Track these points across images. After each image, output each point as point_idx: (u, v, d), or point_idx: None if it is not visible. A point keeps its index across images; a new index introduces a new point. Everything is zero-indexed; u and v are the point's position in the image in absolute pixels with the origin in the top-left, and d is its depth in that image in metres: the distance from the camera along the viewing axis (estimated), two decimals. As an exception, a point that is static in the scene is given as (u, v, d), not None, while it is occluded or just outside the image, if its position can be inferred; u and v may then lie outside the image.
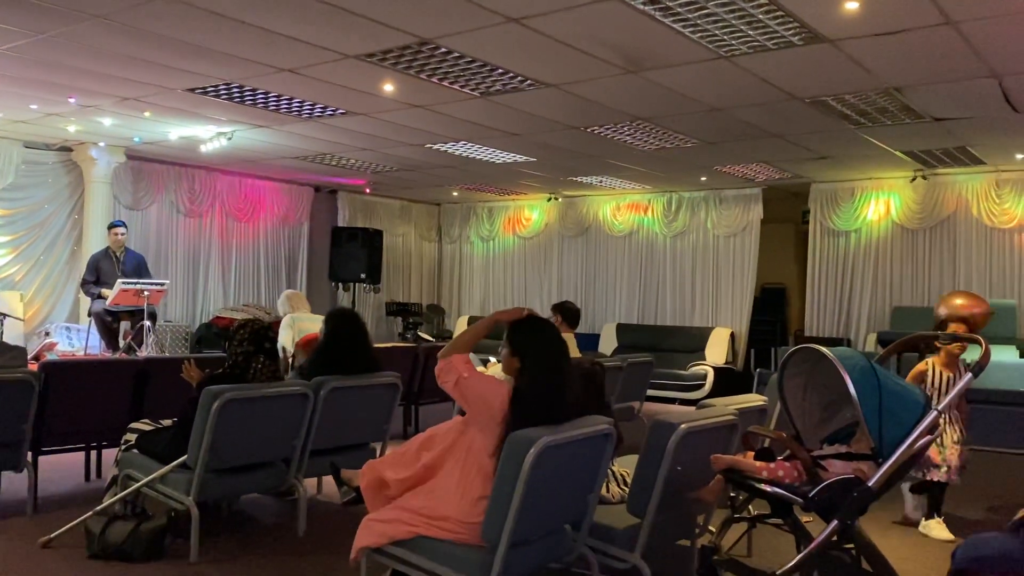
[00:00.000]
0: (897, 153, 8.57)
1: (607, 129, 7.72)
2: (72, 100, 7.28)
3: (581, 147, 8.64)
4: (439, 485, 3.08)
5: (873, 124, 7.21)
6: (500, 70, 5.89)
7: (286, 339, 6.22)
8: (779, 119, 7.14)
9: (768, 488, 3.24)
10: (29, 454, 4.65)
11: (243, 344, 4.23)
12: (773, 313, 12.12)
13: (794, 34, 4.98)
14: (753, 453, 3.49)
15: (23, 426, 4.50)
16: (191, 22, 5.07)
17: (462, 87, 6.37)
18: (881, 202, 10.35)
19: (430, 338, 11.77)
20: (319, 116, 7.56)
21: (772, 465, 3.32)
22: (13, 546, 4.14)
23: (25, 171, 9.51)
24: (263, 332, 4.32)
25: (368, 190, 12.84)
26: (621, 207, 12.46)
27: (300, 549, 4.26)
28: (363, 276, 12.15)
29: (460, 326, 13.23)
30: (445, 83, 6.26)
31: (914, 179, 9.91)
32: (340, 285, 12.43)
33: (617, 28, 4.96)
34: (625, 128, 7.65)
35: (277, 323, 6.46)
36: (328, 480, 5.29)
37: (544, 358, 3.11)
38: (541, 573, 3.25)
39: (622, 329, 11.90)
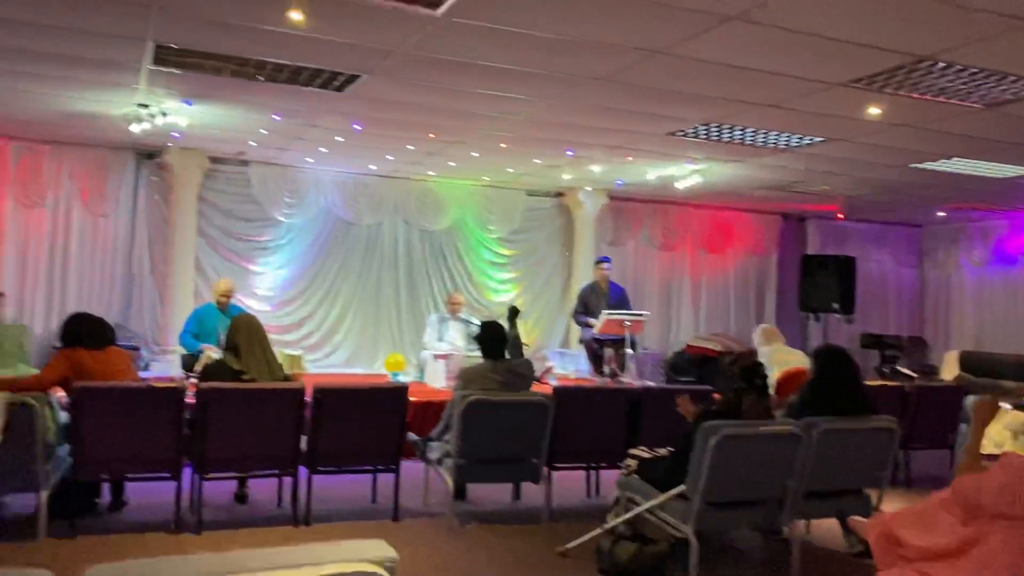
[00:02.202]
0: None
1: None
2: (569, 152, 8.20)
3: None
4: (973, 561, 2.72)
5: None
6: (1012, 77, 5.21)
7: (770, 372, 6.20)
8: None
9: None
10: (545, 469, 5.29)
11: (736, 380, 4.32)
12: None
13: None
14: None
15: (542, 443, 5.15)
16: (676, 71, 5.36)
17: (961, 100, 5.76)
18: None
19: (912, 373, 10.75)
20: (796, 146, 7.45)
21: None
22: (534, 549, 4.73)
23: (528, 216, 10.96)
24: (755, 368, 4.36)
25: (840, 215, 12.25)
26: None
27: (796, 593, 4.19)
28: (835, 306, 11.59)
29: (948, 362, 11.84)
30: (941, 98, 5.73)
31: None
32: (811, 316, 12.02)
33: None
34: None
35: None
36: (817, 523, 5.13)
37: None
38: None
39: None
